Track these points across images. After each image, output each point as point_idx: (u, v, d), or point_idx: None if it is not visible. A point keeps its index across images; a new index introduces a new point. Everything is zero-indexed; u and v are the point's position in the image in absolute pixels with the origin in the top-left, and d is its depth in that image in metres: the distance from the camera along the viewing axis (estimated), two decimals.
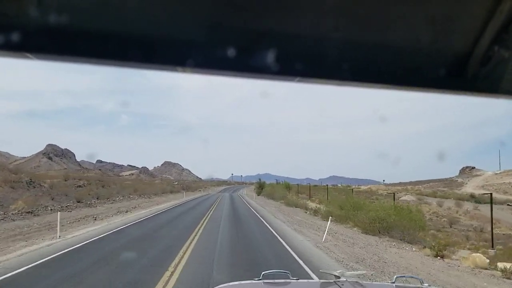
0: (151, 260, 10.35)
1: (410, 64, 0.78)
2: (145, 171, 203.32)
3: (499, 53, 0.75)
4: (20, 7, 0.63)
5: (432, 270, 11.15)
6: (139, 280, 8.21)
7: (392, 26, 0.73)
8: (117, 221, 20.65)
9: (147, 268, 9.37)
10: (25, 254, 11.14)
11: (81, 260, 10.29)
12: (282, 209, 33.04)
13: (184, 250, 11.76)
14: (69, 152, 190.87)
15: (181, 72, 0.72)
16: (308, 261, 10.93)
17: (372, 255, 12.90)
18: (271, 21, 0.71)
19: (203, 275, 8.74)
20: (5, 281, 8.20)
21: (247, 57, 0.72)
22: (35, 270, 9.21)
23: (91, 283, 8.08)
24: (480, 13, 0.72)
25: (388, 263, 11.69)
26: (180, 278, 8.38)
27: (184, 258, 10.54)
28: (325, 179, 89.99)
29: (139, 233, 16.02)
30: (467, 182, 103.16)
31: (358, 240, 16.28)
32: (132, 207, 30.33)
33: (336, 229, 19.55)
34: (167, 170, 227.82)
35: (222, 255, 11.29)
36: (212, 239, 14.38)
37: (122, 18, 0.68)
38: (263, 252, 12.28)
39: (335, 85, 0.78)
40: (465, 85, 0.79)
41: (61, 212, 17.75)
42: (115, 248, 12.22)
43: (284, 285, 2.82)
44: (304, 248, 13.28)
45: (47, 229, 16.28)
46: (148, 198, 44.12)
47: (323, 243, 14.46)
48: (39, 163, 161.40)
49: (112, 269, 9.24)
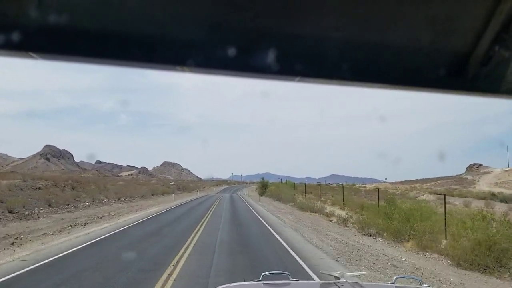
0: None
1: (410, 64, 0.79)
2: (144, 171, 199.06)
3: (500, 53, 0.75)
4: (20, 6, 0.64)
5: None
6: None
7: (392, 26, 0.74)
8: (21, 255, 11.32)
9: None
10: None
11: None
12: (299, 217, 24.54)
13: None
14: (67, 153, 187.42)
15: (181, 72, 0.72)
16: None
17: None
18: (271, 21, 0.71)
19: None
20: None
21: (247, 57, 0.72)
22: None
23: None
24: (480, 13, 0.73)
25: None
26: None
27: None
28: (325, 178, 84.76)
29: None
30: (478, 179, 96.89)
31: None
32: (98, 216, 22.51)
33: (413, 261, 11.67)
34: (166, 170, 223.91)
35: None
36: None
37: (122, 17, 0.68)
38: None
39: (335, 85, 0.78)
40: (465, 85, 0.80)
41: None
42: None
43: (284, 286, 2.83)
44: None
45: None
46: (130, 202, 36.11)
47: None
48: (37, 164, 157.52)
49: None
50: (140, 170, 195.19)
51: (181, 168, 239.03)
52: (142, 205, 33.31)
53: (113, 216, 23.31)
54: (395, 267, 10.61)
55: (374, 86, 0.80)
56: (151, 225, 19.33)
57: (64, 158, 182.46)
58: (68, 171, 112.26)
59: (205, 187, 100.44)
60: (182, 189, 75.97)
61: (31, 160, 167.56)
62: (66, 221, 19.63)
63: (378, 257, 12.03)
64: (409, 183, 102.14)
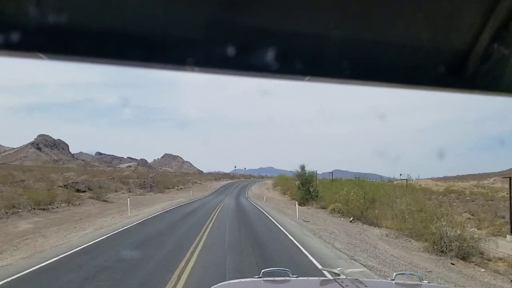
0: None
1: (410, 62, 0.80)
2: (144, 163, 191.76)
3: (499, 50, 0.77)
4: (19, 5, 0.65)
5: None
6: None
7: (392, 24, 0.75)
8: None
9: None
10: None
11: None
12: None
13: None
14: (62, 142, 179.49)
15: (182, 71, 0.74)
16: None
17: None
18: (271, 19, 0.73)
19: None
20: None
21: (248, 55, 0.73)
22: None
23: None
24: (480, 10, 0.74)
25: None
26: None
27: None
28: (328, 173, 75.74)
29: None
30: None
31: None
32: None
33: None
34: (167, 162, 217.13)
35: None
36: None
37: (122, 16, 0.69)
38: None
39: (335, 83, 0.80)
40: (465, 82, 0.81)
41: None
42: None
43: (284, 283, 2.83)
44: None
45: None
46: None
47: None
48: (26, 154, 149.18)
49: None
50: (139, 162, 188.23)
51: (182, 161, 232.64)
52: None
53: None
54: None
55: (374, 85, 0.81)
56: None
57: (58, 148, 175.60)
58: (51, 162, 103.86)
59: (196, 182, 74.71)
60: (150, 186, 49.65)
61: (23, 150, 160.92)
62: None
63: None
64: (450, 180, 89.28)
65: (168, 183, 57.91)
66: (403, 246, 16.48)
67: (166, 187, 54.08)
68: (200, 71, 0.74)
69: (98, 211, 25.79)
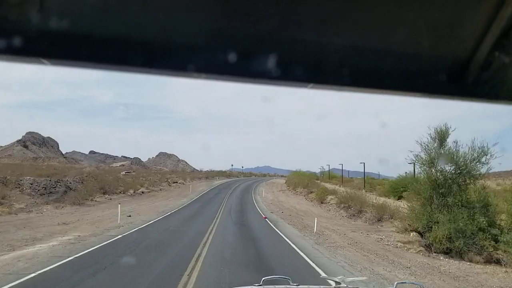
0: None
1: (411, 70, 0.81)
2: (137, 162, 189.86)
3: (500, 58, 0.78)
4: (22, 11, 0.66)
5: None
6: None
7: (393, 32, 0.77)
8: None
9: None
10: None
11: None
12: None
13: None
14: (51, 140, 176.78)
15: (183, 77, 0.75)
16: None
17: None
18: (272, 26, 0.74)
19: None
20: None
21: (250, 62, 0.75)
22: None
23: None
24: (480, 19, 0.76)
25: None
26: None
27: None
28: (325, 172, 73.20)
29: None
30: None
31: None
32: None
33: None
34: (162, 161, 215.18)
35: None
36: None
37: (124, 22, 0.71)
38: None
39: (335, 90, 0.81)
40: (465, 90, 0.82)
41: None
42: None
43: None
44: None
45: None
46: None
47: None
48: (12, 152, 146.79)
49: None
50: (132, 161, 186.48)
51: (177, 159, 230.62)
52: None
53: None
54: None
55: (374, 92, 0.82)
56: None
57: (47, 146, 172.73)
58: (30, 160, 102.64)
59: (177, 181, 50.41)
60: (63, 192, 22.95)
61: (10, 148, 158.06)
62: None
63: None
64: (496, 176, 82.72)
65: (113, 185, 34.25)
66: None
67: (104, 192, 31.23)
68: (201, 77, 0.75)
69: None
